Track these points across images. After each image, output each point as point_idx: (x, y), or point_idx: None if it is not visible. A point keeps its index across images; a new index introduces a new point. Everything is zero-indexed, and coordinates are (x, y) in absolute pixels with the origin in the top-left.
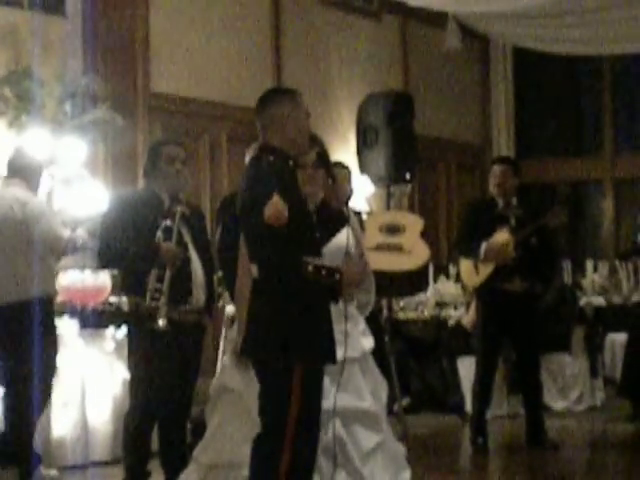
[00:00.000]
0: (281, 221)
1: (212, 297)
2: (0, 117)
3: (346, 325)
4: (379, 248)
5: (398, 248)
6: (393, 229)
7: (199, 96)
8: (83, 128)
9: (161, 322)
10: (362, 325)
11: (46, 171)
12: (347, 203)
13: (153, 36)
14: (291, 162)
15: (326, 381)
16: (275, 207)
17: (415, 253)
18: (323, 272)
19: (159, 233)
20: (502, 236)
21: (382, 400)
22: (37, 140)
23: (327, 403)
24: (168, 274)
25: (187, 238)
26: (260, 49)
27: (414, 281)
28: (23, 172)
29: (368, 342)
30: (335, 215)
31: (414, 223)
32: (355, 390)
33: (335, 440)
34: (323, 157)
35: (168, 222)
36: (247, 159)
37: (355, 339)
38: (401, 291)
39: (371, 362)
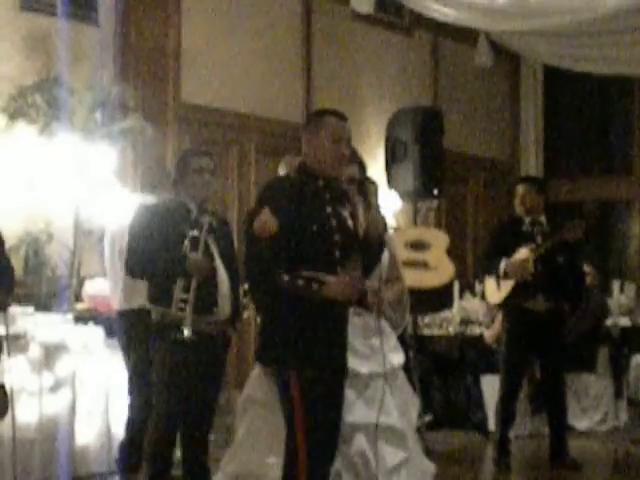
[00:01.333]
0: (265, 233)
1: (237, 308)
2: (30, 124)
3: (381, 340)
4: (405, 264)
5: (424, 264)
6: (419, 245)
7: (229, 107)
8: (113, 136)
9: (186, 332)
10: (393, 341)
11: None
12: (385, 229)
13: (184, 46)
14: (321, 181)
15: (351, 395)
16: (262, 219)
17: (441, 270)
18: (300, 282)
19: (186, 243)
20: (522, 253)
21: (411, 417)
22: (67, 148)
23: (352, 417)
24: (194, 284)
25: (214, 249)
26: (291, 62)
27: (439, 297)
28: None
29: (398, 358)
30: (374, 243)
31: (440, 239)
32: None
33: (358, 455)
34: (361, 187)
35: (195, 232)
36: (279, 171)
37: (384, 354)
38: (426, 307)
39: (401, 378)
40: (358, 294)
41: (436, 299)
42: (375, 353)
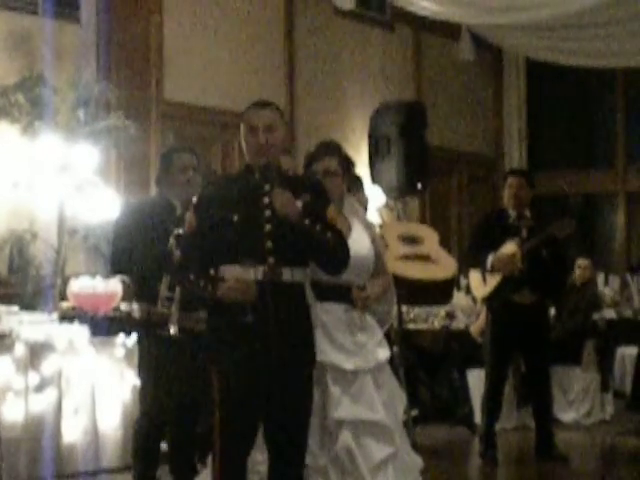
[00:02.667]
0: (187, 229)
1: None
2: (13, 123)
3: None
4: (407, 258)
5: (425, 257)
6: (412, 240)
7: (212, 104)
8: (96, 135)
9: (172, 329)
10: (379, 336)
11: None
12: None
13: (167, 44)
14: (257, 173)
15: (336, 391)
16: (186, 219)
17: (444, 263)
18: (201, 282)
19: (171, 240)
20: (510, 247)
21: (397, 412)
22: (50, 147)
23: (337, 413)
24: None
25: None
26: (273, 58)
27: (445, 290)
28: None
29: (383, 353)
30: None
31: (430, 235)
32: (367, 401)
33: (344, 451)
34: (344, 164)
35: (180, 230)
36: None
37: (369, 350)
38: (432, 299)
39: (387, 373)
40: (253, 293)
41: (442, 291)
42: (360, 349)
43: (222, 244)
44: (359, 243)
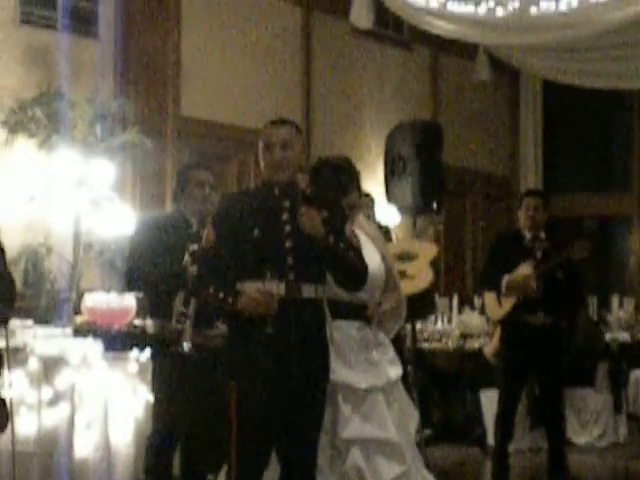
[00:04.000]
0: (205, 243)
1: None
2: (30, 138)
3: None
4: None
5: (401, 274)
6: (405, 257)
7: (228, 121)
8: (112, 150)
9: (186, 345)
10: (391, 353)
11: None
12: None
13: (184, 60)
14: (276, 190)
15: (347, 409)
16: (205, 233)
17: (418, 278)
18: (220, 295)
19: (186, 257)
20: (524, 270)
21: (409, 430)
22: (67, 161)
23: (347, 432)
24: (194, 298)
25: None
26: (290, 76)
27: (414, 307)
28: None
29: (395, 371)
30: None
31: (427, 250)
32: (377, 419)
33: (354, 470)
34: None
35: (195, 246)
36: None
37: (381, 368)
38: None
39: (399, 391)
40: (274, 306)
41: (412, 307)
42: (372, 366)
43: (242, 259)
44: (369, 259)
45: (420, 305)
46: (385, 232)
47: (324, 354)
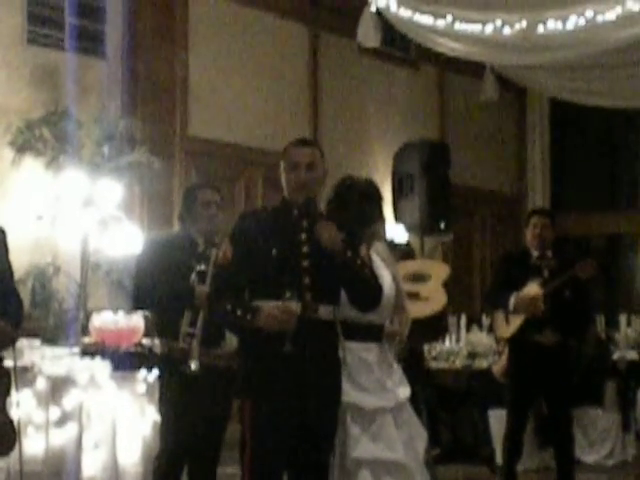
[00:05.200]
0: (223, 262)
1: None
2: (38, 157)
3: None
4: None
5: (415, 296)
6: (418, 277)
7: (235, 141)
8: (120, 170)
9: (193, 365)
10: (399, 374)
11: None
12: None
13: (192, 81)
14: (295, 210)
15: (356, 430)
16: (222, 249)
17: (432, 300)
18: (238, 311)
19: (193, 276)
20: (532, 289)
21: (418, 451)
22: (74, 181)
23: (356, 452)
24: (201, 318)
25: None
26: (298, 95)
27: (428, 328)
28: None
29: (404, 391)
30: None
31: (440, 271)
32: (386, 440)
33: None
34: None
35: (202, 266)
36: None
37: (390, 389)
38: (417, 337)
39: (407, 412)
40: (293, 324)
41: (425, 330)
42: (381, 387)
43: (259, 278)
44: (381, 281)
45: (432, 328)
46: (408, 251)
47: (336, 375)
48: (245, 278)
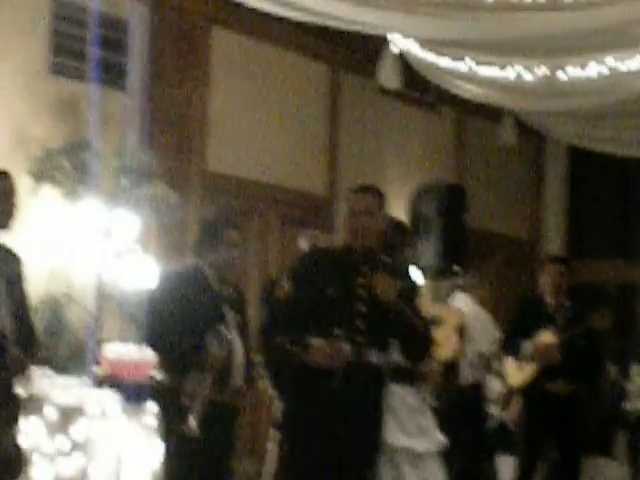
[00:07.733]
0: (280, 296)
1: (250, 378)
2: (56, 187)
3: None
4: None
5: None
6: (433, 322)
7: (253, 177)
8: (137, 202)
9: (192, 425)
10: (432, 418)
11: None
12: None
13: (211, 115)
14: (356, 254)
15: (410, 471)
16: (280, 284)
17: (444, 347)
18: (288, 346)
19: (210, 337)
20: (548, 337)
21: None
22: (91, 212)
23: None
24: (208, 381)
25: (231, 320)
26: (316, 134)
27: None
28: None
29: (442, 435)
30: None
31: (454, 316)
32: None
33: None
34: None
35: (222, 327)
36: (299, 244)
37: (432, 432)
38: None
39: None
40: (344, 362)
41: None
42: (424, 431)
43: (314, 315)
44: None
45: (445, 374)
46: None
47: (379, 419)
48: (300, 314)
